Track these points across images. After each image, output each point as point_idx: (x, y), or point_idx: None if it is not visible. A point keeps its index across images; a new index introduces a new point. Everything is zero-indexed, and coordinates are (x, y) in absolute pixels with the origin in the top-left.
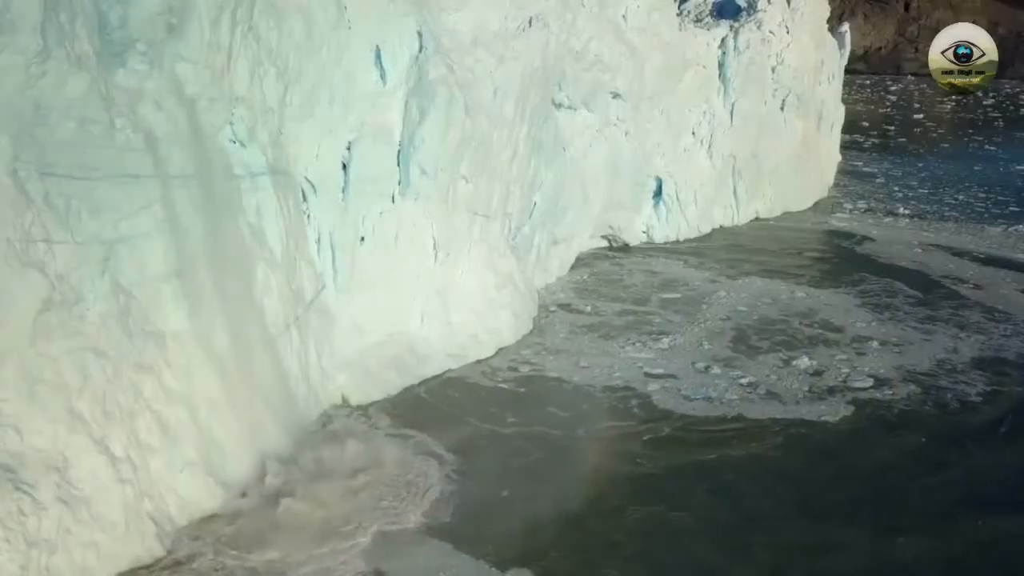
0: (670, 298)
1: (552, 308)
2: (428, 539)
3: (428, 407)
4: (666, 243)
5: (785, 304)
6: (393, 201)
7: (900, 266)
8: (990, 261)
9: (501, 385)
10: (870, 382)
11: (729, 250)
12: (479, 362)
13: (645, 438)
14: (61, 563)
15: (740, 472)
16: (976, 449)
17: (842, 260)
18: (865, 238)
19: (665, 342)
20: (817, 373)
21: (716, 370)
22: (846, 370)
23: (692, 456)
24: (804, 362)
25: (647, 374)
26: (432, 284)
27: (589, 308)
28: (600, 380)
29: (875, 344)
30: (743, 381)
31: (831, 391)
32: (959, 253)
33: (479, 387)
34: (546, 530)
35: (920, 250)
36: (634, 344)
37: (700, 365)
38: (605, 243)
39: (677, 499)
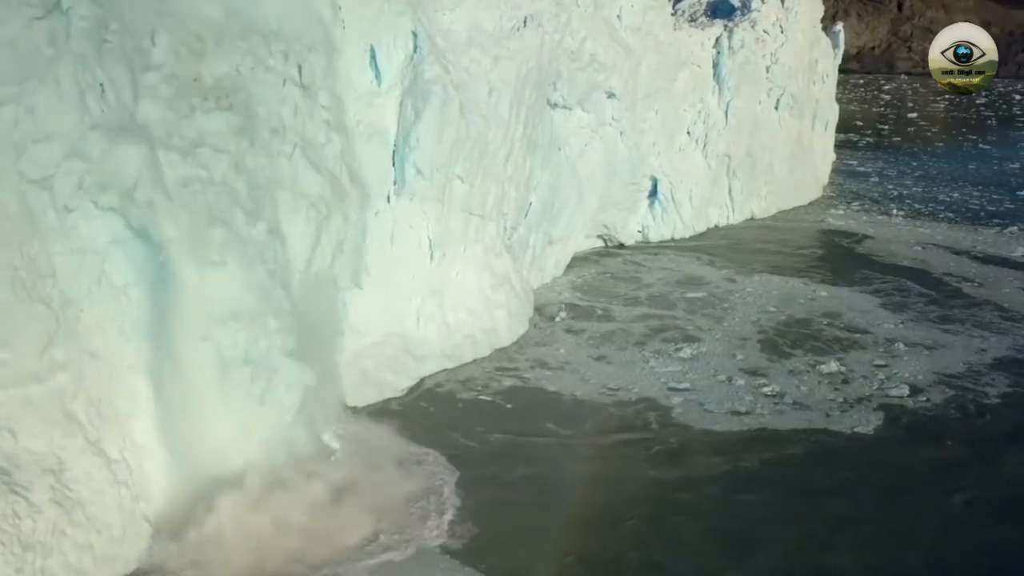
0: (695, 297)
1: (552, 308)
2: (426, 549)
3: (424, 411)
4: (661, 242)
5: (809, 304)
6: (388, 201)
7: (904, 265)
8: (988, 259)
9: (498, 388)
10: (906, 389)
11: (731, 249)
12: (475, 362)
13: (655, 449)
14: (56, 565)
15: (753, 483)
16: (1016, 460)
17: (846, 258)
18: (864, 236)
19: (688, 351)
20: (847, 380)
21: (740, 381)
22: (881, 376)
23: (704, 467)
24: (833, 367)
25: (670, 389)
26: (428, 284)
27: (591, 305)
28: (603, 388)
29: (902, 346)
30: (767, 390)
31: (863, 399)
32: (958, 251)
33: (477, 389)
34: (548, 540)
35: (920, 248)
36: (655, 353)
37: (722, 376)
38: (600, 243)
39: (686, 510)
